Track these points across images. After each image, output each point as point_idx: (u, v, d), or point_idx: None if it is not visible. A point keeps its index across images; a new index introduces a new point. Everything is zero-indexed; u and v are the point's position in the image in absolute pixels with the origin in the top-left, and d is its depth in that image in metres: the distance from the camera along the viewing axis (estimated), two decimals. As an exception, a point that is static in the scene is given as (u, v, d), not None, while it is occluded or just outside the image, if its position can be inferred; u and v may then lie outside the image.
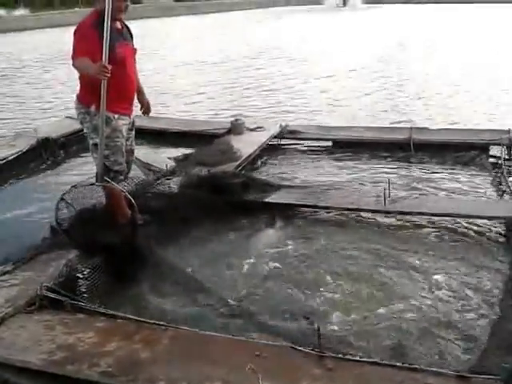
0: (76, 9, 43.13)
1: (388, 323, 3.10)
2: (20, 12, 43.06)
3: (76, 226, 3.84)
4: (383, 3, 50.42)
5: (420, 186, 5.29)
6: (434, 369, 2.51)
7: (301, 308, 3.28)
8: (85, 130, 3.98)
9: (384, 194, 4.48)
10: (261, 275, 3.72)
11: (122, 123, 3.99)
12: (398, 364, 2.54)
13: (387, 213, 4.49)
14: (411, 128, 6.55)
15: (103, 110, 3.66)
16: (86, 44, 3.69)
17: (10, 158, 6.20)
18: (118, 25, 3.92)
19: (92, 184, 3.92)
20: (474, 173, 5.66)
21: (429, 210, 4.43)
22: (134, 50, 4.09)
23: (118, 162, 3.99)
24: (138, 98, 4.26)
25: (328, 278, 3.64)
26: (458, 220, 4.39)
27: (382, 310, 3.24)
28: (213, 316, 3.20)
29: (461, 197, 5.05)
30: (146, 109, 4.36)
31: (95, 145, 3.84)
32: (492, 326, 2.97)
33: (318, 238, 4.25)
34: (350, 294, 3.45)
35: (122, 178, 4.07)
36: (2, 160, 6.10)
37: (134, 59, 4.10)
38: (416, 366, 2.52)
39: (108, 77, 3.52)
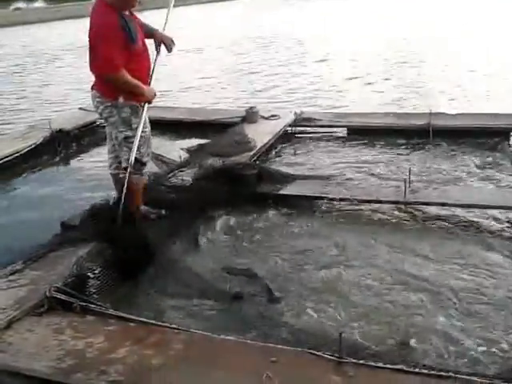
0: (89, 0, 42.91)
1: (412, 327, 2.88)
2: (39, 4, 43.06)
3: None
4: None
5: (440, 174, 5.00)
6: (464, 376, 2.28)
7: (319, 310, 3.07)
8: (108, 124, 3.79)
9: (404, 184, 4.22)
10: (275, 272, 3.51)
11: (146, 112, 3.84)
12: (424, 371, 2.32)
13: (407, 204, 4.24)
14: (430, 113, 6.20)
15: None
16: (119, 51, 3.49)
17: (24, 151, 6.08)
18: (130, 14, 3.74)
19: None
20: (496, 160, 5.33)
21: (452, 200, 4.17)
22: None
23: (148, 153, 3.92)
24: (157, 38, 3.94)
25: (347, 276, 3.42)
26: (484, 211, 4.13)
27: (405, 312, 3.02)
28: (227, 317, 3.01)
29: (484, 186, 4.75)
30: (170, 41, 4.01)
31: (126, 138, 3.71)
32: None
33: (336, 232, 4.02)
34: (371, 293, 3.23)
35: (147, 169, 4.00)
36: (16, 153, 5.99)
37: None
38: (444, 374, 2.29)
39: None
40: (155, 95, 3.80)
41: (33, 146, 6.16)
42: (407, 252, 3.69)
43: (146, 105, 3.74)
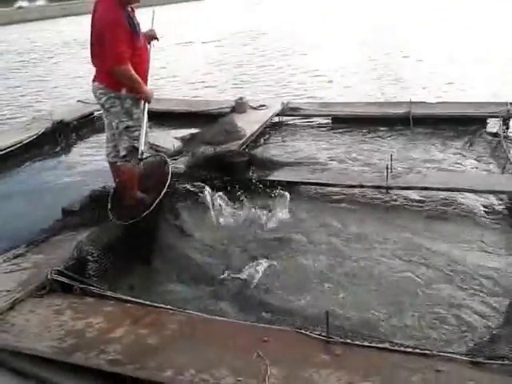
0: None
1: (395, 307, 2.83)
2: (41, 2, 42.31)
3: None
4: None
5: (420, 160, 4.95)
6: (447, 354, 2.23)
7: (304, 291, 3.01)
8: (109, 114, 3.66)
9: (386, 170, 4.16)
10: (264, 255, 3.44)
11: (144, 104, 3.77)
12: (408, 350, 2.26)
13: (389, 188, 4.18)
14: (410, 102, 6.15)
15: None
16: (126, 43, 3.40)
17: (27, 141, 5.96)
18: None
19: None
20: (473, 146, 5.28)
21: (431, 184, 4.12)
22: None
23: (146, 142, 3.78)
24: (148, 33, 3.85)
25: (332, 260, 3.35)
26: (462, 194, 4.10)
27: (392, 294, 2.98)
28: (218, 299, 2.95)
29: (462, 171, 4.70)
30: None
31: (127, 127, 3.62)
32: (506, 310, 2.68)
33: (322, 216, 3.96)
34: (354, 276, 3.17)
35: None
36: (19, 143, 5.87)
37: None
38: (428, 352, 2.24)
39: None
40: (153, 95, 3.72)
41: (35, 137, 6.06)
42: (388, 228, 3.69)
43: (146, 104, 3.68)
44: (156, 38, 3.91)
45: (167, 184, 3.50)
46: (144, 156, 3.60)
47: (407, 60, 10.95)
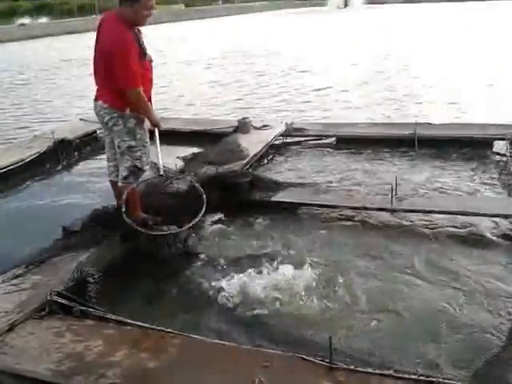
0: (93, 16, 42.95)
1: (400, 331, 2.83)
2: (43, 20, 42.94)
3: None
4: (386, 3, 49.99)
5: (425, 183, 4.95)
6: (452, 382, 2.23)
7: (309, 316, 3.00)
8: (112, 132, 3.72)
9: (391, 192, 4.19)
10: (267, 278, 3.40)
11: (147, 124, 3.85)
12: (413, 377, 2.25)
13: (394, 211, 4.19)
14: (415, 123, 6.16)
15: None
16: (137, 65, 3.49)
17: (29, 160, 6.01)
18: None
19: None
20: (479, 168, 5.29)
21: (437, 207, 4.12)
22: None
23: (148, 161, 3.91)
24: None
25: (338, 282, 3.33)
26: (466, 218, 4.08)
27: (394, 318, 2.97)
28: (220, 324, 2.95)
29: (469, 193, 4.69)
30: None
31: (130, 147, 3.70)
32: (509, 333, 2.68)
33: (325, 238, 3.98)
34: (358, 299, 3.16)
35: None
36: (21, 161, 5.92)
37: None
38: (433, 379, 2.23)
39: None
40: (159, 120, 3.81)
41: (36, 155, 6.11)
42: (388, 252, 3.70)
43: (156, 130, 3.79)
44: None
45: (204, 206, 3.67)
46: (168, 174, 3.66)
47: (413, 81, 11.05)
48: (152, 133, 3.83)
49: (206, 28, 32.65)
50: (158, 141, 3.81)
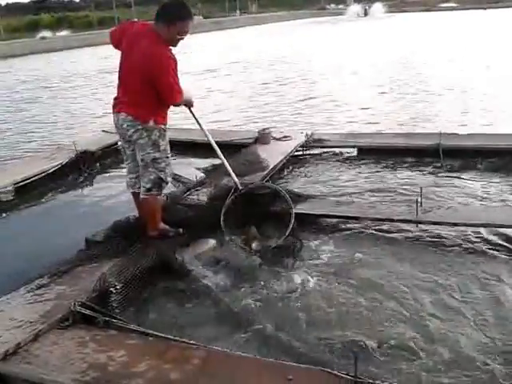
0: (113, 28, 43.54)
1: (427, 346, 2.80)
2: (64, 33, 43.83)
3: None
4: (405, 12, 50.11)
5: (451, 194, 4.91)
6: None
7: (333, 330, 2.99)
8: (135, 145, 3.78)
9: (416, 203, 4.14)
10: (290, 291, 3.43)
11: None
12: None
13: (419, 223, 4.16)
14: (440, 133, 6.12)
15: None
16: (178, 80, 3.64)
17: (51, 171, 6.13)
18: None
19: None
20: (507, 179, 5.22)
21: (463, 220, 4.07)
22: None
23: (171, 172, 4.00)
24: None
25: (362, 296, 3.32)
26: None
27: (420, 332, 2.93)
28: (243, 336, 2.96)
29: (496, 206, 4.62)
30: None
31: (155, 159, 3.76)
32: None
33: (349, 251, 3.96)
34: (384, 313, 3.13)
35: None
36: (43, 172, 6.04)
37: None
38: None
39: None
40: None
41: (59, 166, 6.22)
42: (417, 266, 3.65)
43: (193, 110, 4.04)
44: None
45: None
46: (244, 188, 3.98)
47: (436, 90, 10.99)
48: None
49: (222, 39, 33.09)
50: (219, 152, 4.15)
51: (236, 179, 4.05)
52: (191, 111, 4.08)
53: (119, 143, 6.61)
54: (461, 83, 11.37)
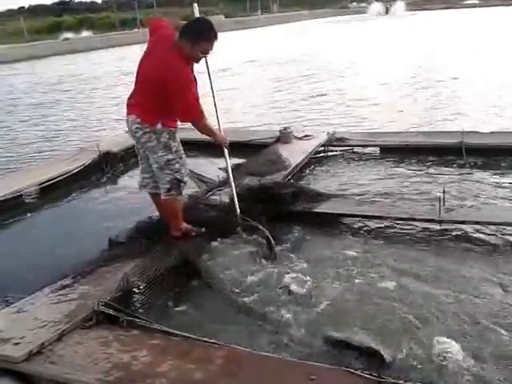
0: (135, 30, 44.20)
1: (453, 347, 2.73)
2: (86, 34, 44.46)
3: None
4: (427, 9, 49.71)
5: (474, 193, 4.84)
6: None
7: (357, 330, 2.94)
8: (145, 148, 3.79)
9: (439, 202, 4.10)
10: (312, 291, 3.41)
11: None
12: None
13: (442, 222, 4.10)
14: (462, 132, 6.05)
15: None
16: (196, 95, 3.61)
17: (75, 171, 6.21)
18: None
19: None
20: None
21: (487, 218, 4.02)
22: None
23: (187, 172, 3.98)
24: None
25: (384, 297, 3.26)
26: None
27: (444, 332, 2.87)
28: (266, 335, 2.95)
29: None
30: None
31: (168, 161, 3.77)
32: None
33: (372, 250, 3.92)
34: (408, 315, 3.07)
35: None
36: (67, 173, 6.12)
37: None
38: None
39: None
40: (226, 141, 4.05)
41: (82, 167, 6.30)
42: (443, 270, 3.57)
43: (226, 150, 4.09)
44: None
45: None
46: None
47: (458, 87, 10.85)
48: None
49: (243, 38, 33.14)
50: (228, 159, 4.11)
51: (238, 209, 4.16)
52: (224, 151, 4.10)
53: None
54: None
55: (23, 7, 70.67)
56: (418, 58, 15.84)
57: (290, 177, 5.41)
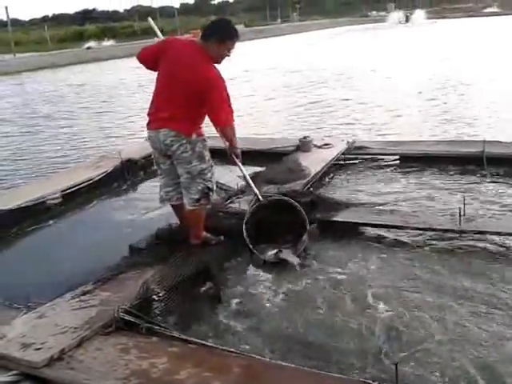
0: (155, 38, 44.49)
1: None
2: (108, 43, 45.03)
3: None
4: (446, 18, 49.42)
5: (496, 203, 4.76)
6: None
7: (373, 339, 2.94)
8: (179, 159, 3.78)
9: (459, 212, 4.05)
10: (329, 301, 3.40)
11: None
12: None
13: (462, 233, 4.05)
14: (484, 141, 5.98)
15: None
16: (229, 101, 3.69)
17: (97, 179, 6.27)
18: None
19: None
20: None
21: (509, 229, 3.94)
22: None
23: (216, 181, 4.07)
24: None
25: (405, 308, 3.24)
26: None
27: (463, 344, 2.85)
28: (282, 345, 2.95)
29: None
30: None
31: (202, 170, 3.81)
32: None
33: (390, 261, 3.89)
34: (426, 325, 3.06)
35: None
36: (89, 180, 6.18)
37: None
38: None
39: None
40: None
41: (104, 174, 6.35)
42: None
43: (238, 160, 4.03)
44: None
45: None
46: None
47: (477, 97, 10.75)
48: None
49: (263, 47, 33.25)
50: (242, 168, 4.16)
51: (256, 190, 4.13)
52: (235, 159, 4.04)
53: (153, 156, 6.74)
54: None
55: (47, 16, 72.28)
56: (446, 68, 15.69)
57: (309, 185, 5.40)
